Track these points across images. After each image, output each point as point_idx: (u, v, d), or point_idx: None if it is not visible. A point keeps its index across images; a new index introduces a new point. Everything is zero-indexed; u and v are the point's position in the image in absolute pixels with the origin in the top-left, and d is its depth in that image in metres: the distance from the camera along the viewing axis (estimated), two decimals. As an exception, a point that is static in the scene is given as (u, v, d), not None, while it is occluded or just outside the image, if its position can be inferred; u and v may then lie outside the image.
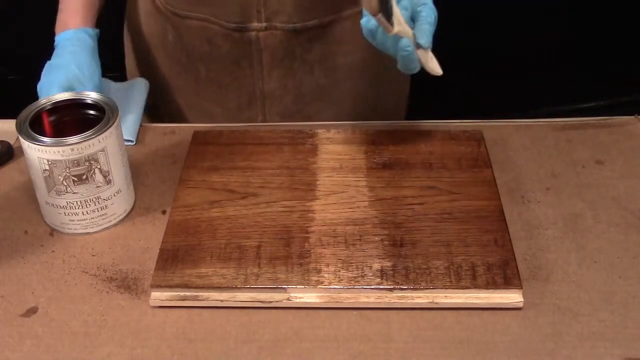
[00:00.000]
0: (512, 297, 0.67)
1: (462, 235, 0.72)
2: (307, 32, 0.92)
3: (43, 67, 0.87)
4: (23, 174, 0.84)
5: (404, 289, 0.67)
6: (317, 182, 0.79)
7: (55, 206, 0.74)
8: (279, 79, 0.97)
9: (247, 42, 0.92)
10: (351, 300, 0.67)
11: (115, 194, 0.76)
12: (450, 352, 0.64)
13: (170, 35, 0.97)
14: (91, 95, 0.77)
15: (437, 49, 0.75)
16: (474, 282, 0.67)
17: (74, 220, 0.75)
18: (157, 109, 1.05)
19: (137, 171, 0.84)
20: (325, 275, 0.68)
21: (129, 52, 1.08)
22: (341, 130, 0.86)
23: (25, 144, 0.72)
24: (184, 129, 0.90)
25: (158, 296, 0.68)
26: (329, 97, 1.00)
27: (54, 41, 0.94)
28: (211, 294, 0.68)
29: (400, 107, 1.10)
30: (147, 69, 1.04)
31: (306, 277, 0.68)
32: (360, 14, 0.77)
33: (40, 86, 0.84)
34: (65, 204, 0.74)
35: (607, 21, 1.78)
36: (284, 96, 0.98)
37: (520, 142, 0.87)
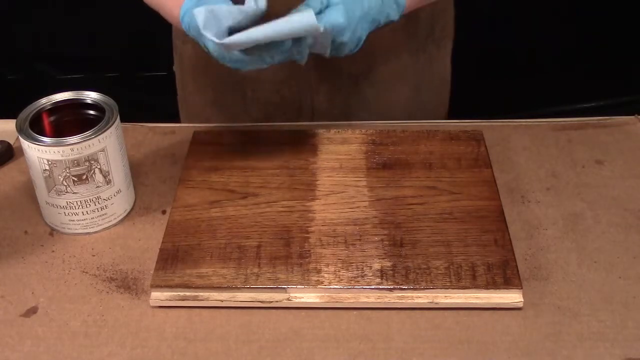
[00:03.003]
0: (512, 297, 0.67)
1: (462, 235, 0.72)
2: None
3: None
4: (23, 174, 0.84)
5: (404, 289, 0.67)
6: (317, 182, 0.79)
7: (55, 206, 0.74)
8: (326, 95, 0.97)
9: (293, 62, 0.91)
10: (351, 300, 0.67)
11: (115, 194, 0.76)
12: (450, 352, 0.64)
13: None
14: (91, 95, 0.77)
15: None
16: (474, 282, 0.67)
17: (74, 220, 0.75)
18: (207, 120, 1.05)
19: (137, 171, 0.84)
20: (325, 275, 0.68)
21: (177, 69, 1.08)
22: (341, 130, 0.86)
23: (25, 144, 0.72)
24: (184, 129, 0.90)
25: (158, 296, 0.68)
26: (374, 108, 0.99)
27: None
28: (211, 294, 0.68)
29: (439, 111, 1.08)
30: (194, 87, 1.03)
31: (306, 277, 0.68)
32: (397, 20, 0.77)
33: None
34: (65, 204, 0.74)
35: (607, 21, 1.78)
36: (331, 110, 0.98)
37: (520, 142, 0.87)
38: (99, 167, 0.73)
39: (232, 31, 0.71)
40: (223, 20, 0.70)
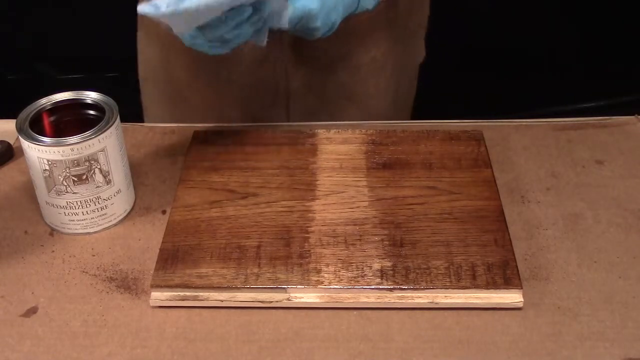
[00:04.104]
0: (512, 297, 0.67)
1: (462, 235, 0.72)
2: None
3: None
4: (23, 174, 0.84)
5: (404, 289, 0.67)
6: (317, 182, 0.79)
7: (55, 206, 0.74)
8: (303, 78, 0.96)
9: (270, 43, 0.91)
10: (351, 300, 0.67)
11: (115, 194, 0.76)
12: (450, 352, 0.64)
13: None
14: (91, 95, 0.77)
15: (438, 49, 0.75)
16: (474, 282, 0.67)
17: (74, 220, 0.75)
18: (176, 111, 1.04)
19: (137, 171, 0.84)
20: (325, 275, 0.68)
21: (142, 52, 1.07)
22: (341, 130, 0.86)
23: (25, 144, 0.72)
24: (184, 129, 0.90)
25: (158, 296, 0.68)
26: (352, 95, 1.00)
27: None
28: (211, 294, 0.68)
29: (409, 100, 1.10)
30: (164, 71, 1.03)
31: (306, 277, 0.68)
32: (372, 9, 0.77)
33: None
34: (65, 204, 0.74)
35: (607, 21, 1.78)
36: (307, 95, 0.98)
37: (520, 142, 0.87)
38: (99, 167, 0.73)
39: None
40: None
